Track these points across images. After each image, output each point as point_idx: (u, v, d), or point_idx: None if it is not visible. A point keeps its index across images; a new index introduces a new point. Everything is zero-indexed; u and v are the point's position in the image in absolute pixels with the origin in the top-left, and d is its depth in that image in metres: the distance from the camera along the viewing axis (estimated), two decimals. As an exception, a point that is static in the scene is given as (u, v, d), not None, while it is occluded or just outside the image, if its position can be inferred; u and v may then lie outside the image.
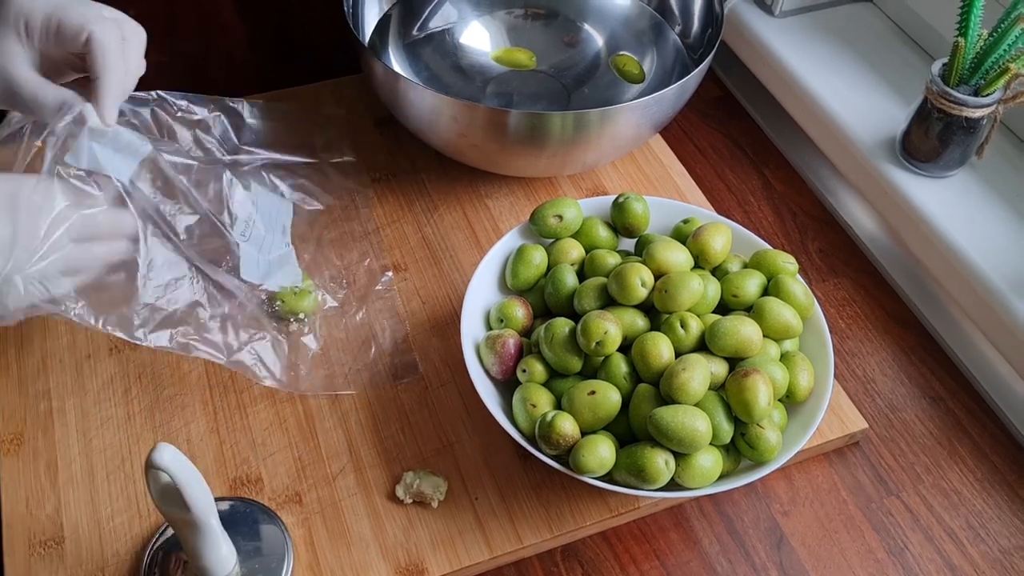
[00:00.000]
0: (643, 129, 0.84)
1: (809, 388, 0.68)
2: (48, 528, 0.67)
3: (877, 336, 0.83)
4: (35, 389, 0.74)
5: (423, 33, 0.97)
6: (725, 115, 1.03)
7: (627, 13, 0.99)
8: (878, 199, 0.88)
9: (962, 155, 0.84)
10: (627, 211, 0.76)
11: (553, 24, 1.00)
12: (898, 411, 0.78)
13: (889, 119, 0.89)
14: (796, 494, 0.73)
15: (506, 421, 0.66)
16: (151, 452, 0.51)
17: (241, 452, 0.71)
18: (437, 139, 0.85)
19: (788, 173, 0.97)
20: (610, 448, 0.63)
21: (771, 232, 0.91)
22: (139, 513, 0.68)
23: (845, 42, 0.97)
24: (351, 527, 0.68)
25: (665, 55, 0.96)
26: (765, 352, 0.68)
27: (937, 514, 0.72)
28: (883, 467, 0.75)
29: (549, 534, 0.68)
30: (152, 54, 1.04)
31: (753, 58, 1.00)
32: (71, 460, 0.70)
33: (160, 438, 0.71)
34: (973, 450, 0.76)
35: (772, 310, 0.69)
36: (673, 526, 0.70)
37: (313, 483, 0.70)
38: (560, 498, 0.69)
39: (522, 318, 0.72)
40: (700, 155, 0.99)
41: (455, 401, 0.75)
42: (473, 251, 0.85)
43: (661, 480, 0.62)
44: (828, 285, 0.87)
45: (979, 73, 0.79)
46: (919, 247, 0.84)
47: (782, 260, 0.73)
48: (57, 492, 0.68)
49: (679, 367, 0.64)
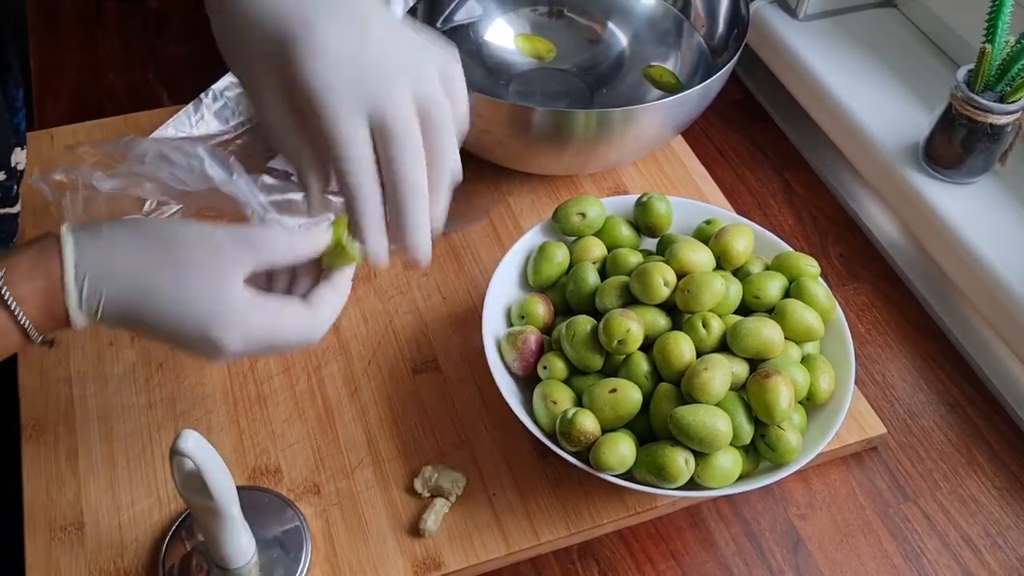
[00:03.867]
0: (666, 130, 0.84)
1: (830, 391, 0.68)
2: (69, 514, 0.67)
3: (896, 342, 0.83)
4: (56, 375, 0.74)
5: (447, 27, 0.97)
6: (746, 117, 1.03)
7: (651, 13, 0.99)
8: (900, 204, 0.88)
9: (985, 162, 0.84)
10: (650, 210, 0.76)
11: (577, 22, 1.00)
12: (916, 417, 0.78)
13: (912, 124, 0.89)
14: (813, 497, 0.72)
15: (526, 417, 0.67)
16: (176, 438, 0.52)
17: (260, 442, 0.71)
18: (460, 135, 0.85)
19: (809, 177, 0.97)
20: (630, 446, 0.63)
21: (791, 235, 0.91)
22: (159, 500, 0.68)
23: (869, 47, 0.97)
24: (369, 520, 0.68)
25: (689, 56, 0.96)
26: (786, 354, 0.68)
27: (954, 521, 0.72)
28: (901, 473, 0.75)
29: (566, 531, 0.68)
30: (175, 46, 1.05)
31: (776, 61, 1.00)
32: (92, 447, 0.70)
33: (181, 427, 0.71)
34: (991, 458, 0.76)
35: (794, 312, 0.69)
36: (690, 526, 0.70)
37: (331, 475, 0.70)
38: (578, 496, 0.69)
39: (543, 315, 0.72)
40: (721, 157, 0.98)
41: (474, 396, 0.75)
42: (494, 248, 0.85)
43: (681, 479, 0.62)
44: (848, 290, 0.87)
45: (1005, 80, 0.79)
46: (940, 253, 0.84)
47: (804, 263, 0.73)
48: (78, 479, 0.69)
49: (701, 367, 0.64)
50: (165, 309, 0.52)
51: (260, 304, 0.54)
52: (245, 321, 0.53)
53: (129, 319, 0.53)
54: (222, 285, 0.53)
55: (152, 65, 1.03)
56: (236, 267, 0.53)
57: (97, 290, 0.52)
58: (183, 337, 0.53)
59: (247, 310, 0.53)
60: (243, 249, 0.54)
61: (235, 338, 0.53)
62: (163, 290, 0.52)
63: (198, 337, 0.53)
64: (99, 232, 0.53)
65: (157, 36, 1.06)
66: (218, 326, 0.52)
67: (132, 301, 0.52)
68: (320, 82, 0.52)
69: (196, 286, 0.52)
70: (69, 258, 0.51)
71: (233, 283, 0.53)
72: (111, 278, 0.52)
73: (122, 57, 1.04)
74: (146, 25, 1.07)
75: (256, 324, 0.54)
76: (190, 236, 0.54)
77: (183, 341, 0.53)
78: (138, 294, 0.52)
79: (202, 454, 0.53)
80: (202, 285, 0.53)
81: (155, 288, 0.52)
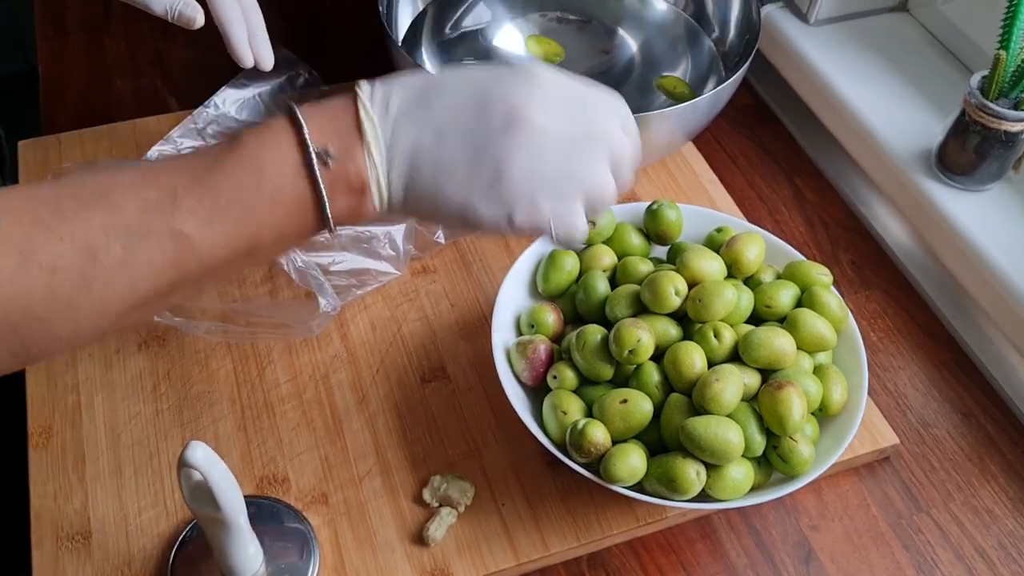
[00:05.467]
0: (676, 137, 0.83)
1: (842, 402, 0.68)
2: (76, 522, 0.67)
3: (909, 350, 0.83)
4: (64, 383, 0.74)
5: (456, 32, 0.97)
6: (757, 122, 1.02)
7: (662, 19, 0.98)
8: (912, 211, 0.87)
9: (999, 169, 0.83)
10: (660, 218, 0.75)
11: (587, 28, 0.99)
12: (929, 427, 0.77)
13: (924, 130, 0.88)
14: (825, 508, 0.72)
15: (536, 427, 0.66)
16: (184, 450, 0.51)
17: (268, 451, 0.71)
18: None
19: (820, 183, 0.96)
20: (641, 457, 0.63)
21: (802, 242, 0.90)
22: (166, 510, 0.68)
23: (880, 52, 0.97)
24: (377, 529, 0.67)
25: (700, 62, 0.95)
26: (798, 364, 0.68)
27: (968, 532, 0.71)
28: (914, 483, 0.74)
29: (576, 542, 0.67)
30: (181, 50, 1.05)
31: (787, 66, 0.99)
32: (99, 455, 0.70)
33: (188, 435, 0.71)
34: (1005, 468, 0.75)
35: (806, 322, 0.68)
36: (700, 537, 0.70)
37: (339, 484, 0.69)
38: (587, 506, 0.69)
39: (553, 324, 0.72)
40: (731, 163, 0.98)
41: (483, 406, 0.74)
42: (502, 255, 0.85)
43: (692, 491, 0.61)
44: (860, 297, 0.86)
45: (1020, 87, 0.78)
46: (952, 260, 0.83)
47: (816, 272, 0.72)
48: (85, 487, 0.68)
49: (712, 377, 0.63)
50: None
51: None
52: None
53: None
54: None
55: (160, 70, 1.03)
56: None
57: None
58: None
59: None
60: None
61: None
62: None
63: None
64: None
65: (164, 41, 1.05)
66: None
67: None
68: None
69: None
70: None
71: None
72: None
73: (129, 62, 1.03)
74: (153, 30, 1.07)
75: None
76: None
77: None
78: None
79: (210, 466, 0.52)
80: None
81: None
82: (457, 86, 0.51)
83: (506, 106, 0.50)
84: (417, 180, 0.50)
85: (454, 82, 0.52)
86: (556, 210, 0.52)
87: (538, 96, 0.51)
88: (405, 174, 0.50)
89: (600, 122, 0.53)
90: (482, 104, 0.51)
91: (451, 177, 0.50)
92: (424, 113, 0.50)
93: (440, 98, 0.51)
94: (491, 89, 0.51)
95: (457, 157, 0.50)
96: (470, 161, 0.50)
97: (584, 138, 0.52)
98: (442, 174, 0.50)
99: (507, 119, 0.50)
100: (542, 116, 0.51)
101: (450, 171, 0.50)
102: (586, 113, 0.53)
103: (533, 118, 0.50)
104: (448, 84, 0.52)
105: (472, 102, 0.51)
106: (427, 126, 0.50)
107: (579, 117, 0.52)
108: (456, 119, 0.50)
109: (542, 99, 0.51)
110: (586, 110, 0.53)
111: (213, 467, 0.52)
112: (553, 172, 0.51)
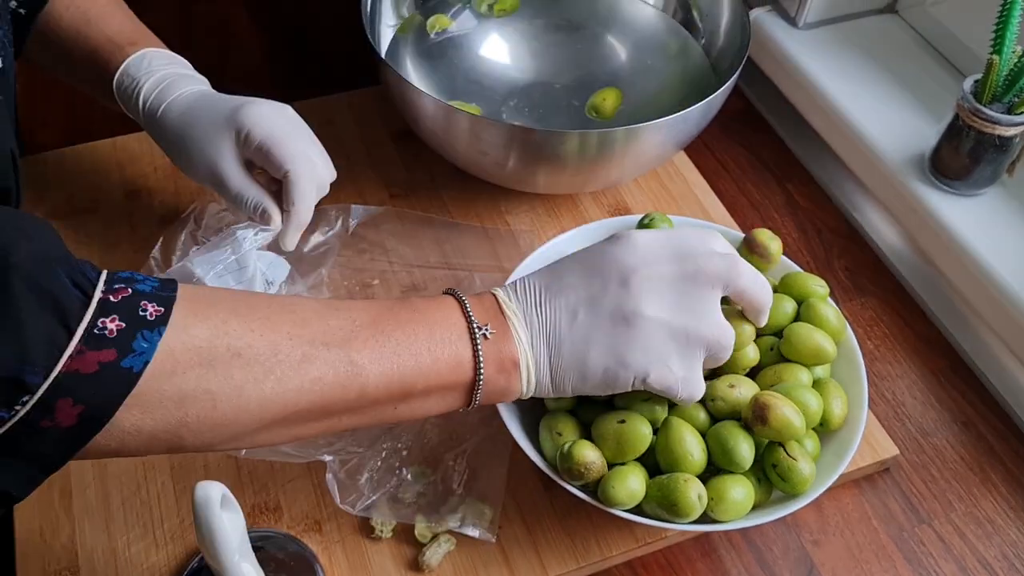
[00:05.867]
0: (667, 147, 0.82)
1: (843, 416, 0.67)
2: (63, 557, 0.65)
3: (906, 358, 0.82)
4: (48, 412, 0.72)
5: (440, 38, 0.95)
6: (747, 128, 1.01)
7: (652, 25, 0.97)
8: (906, 216, 0.86)
9: (993, 173, 0.82)
10: (653, 232, 0.74)
11: (575, 35, 0.98)
12: (929, 436, 0.77)
13: (916, 134, 0.88)
14: (826, 523, 0.71)
15: (531, 449, 0.65)
16: (201, 491, 0.50)
17: (259, 478, 0.70)
18: (456, 154, 0.83)
19: (812, 189, 0.95)
20: (640, 480, 0.62)
21: (796, 249, 0.89)
22: (155, 541, 0.66)
23: (870, 55, 0.96)
24: (371, 557, 0.66)
25: (689, 69, 0.94)
26: (797, 379, 0.67)
27: (971, 543, 0.70)
28: (914, 494, 0.73)
29: (575, 564, 0.66)
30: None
31: (776, 70, 0.98)
32: (85, 486, 0.68)
33: (176, 464, 0.70)
34: (1006, 477, 0.74)
35: (805, 335, 0.67)
36: (701, 556, 0.69)
37: (333, 511, 0.68)
38: (586, 528, 0.68)
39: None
40: (722, 169, 0.97)
41: (477, 427, 0.73)
42: (495, 271, 0.83)
43: (693, 514, 0.60)
44: (855, 304, 0.85)
45: (1013, 91, 0.77)
46: (948, 266, 0.82)
47: (813, 283, 0.71)
48: (72, 520, 0.67)
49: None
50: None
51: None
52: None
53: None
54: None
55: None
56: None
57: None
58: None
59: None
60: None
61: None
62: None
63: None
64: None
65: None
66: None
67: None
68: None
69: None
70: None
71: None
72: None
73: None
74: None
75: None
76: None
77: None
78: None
79: (222, 512, 0.50)
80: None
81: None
82: (571, 269, 0.59)
83: (618, 267, 0.58)
84: (561, 357, 0.58)
85: (567, 266, 0.60)
86: (687, 378, 0.59)
87: (640, 251, 0.59)
88: (548, 355, 0.58)
89: (702, 260, 0.59)
90: (596, 272, 0.58)
91: (590, 344, 0.57)
92: (551, 298, 0.58)
93: (560, 282, 0.59)
94: (599, 260, 0.59)
95: (590, 322, 0.57)
96: (600, 323, 0.57)
97: (691, 278, 0.58)
98: (580, 343, 0.57)
99: (622, 277, 0.58)
100: (649, 268, 0.58)
101: (587, 337, 0.57)
102: (686, 252, 0.59)
103: (641, 270, 0.58)
104: (564, 269, 0.60)
105: (588, 274, 0.58)
106: (557, 308, 0.58)
107: (685, 260, 0.59)
108: (578, 294, 0.58)
109: (644, 251, 0.59)
110: (686, 250, 0.59)
111: (225, 511, 0.51)
112: (677, 324, 0.58)
